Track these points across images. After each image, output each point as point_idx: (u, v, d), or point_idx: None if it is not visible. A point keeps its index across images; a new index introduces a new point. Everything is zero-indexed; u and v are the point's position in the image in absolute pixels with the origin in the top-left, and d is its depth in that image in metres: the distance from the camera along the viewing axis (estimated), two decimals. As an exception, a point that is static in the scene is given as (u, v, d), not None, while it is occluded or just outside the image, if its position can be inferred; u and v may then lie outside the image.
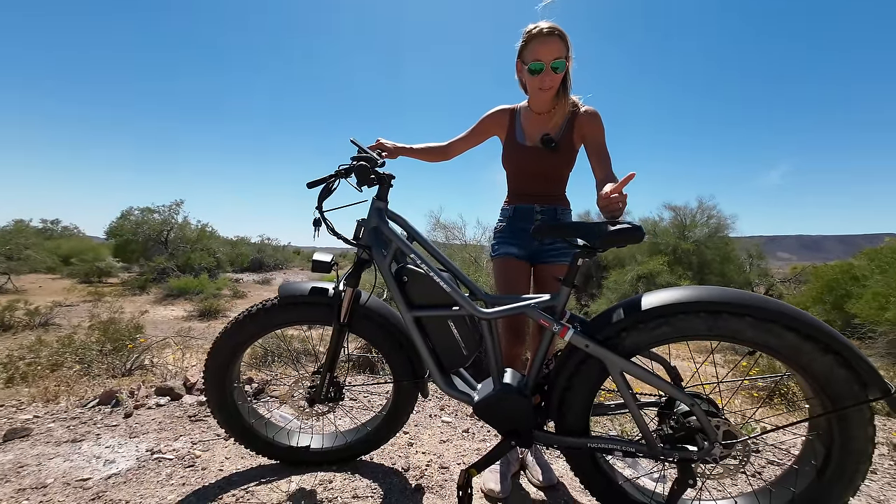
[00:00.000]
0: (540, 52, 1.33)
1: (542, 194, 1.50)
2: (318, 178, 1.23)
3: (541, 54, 1.33)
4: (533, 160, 1.48)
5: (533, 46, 1.34)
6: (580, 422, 1.18)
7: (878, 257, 9.19)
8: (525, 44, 1.37)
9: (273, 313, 1.33)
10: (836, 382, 0.98)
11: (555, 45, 1.33)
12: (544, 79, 1.36)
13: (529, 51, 1.35)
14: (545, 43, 1.32)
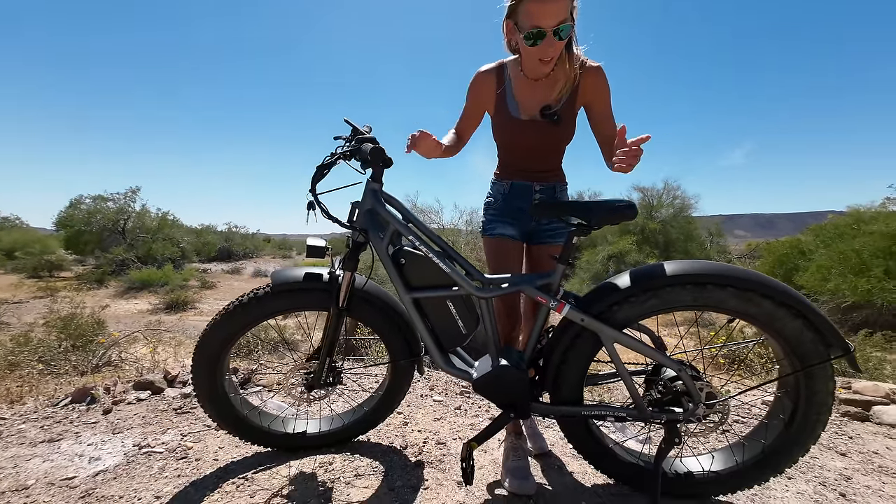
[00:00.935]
0: (539, 16, 1.05)
1: (539, 171, 1.37)
2: (327, 162, 1.19)
3: (541, 18, 1.05)
4: (530, 135, 1.30)
5: (529, 7, 1.06)
6: (575, 392, 1.24)
7: (821, 233, 9.99)
8: (517, 1, 1.09)
9: (266, 301, 1.29)
10: (804, 344, 1.08)
11: (558, 3, 1.04)
12: (545, 49, 1.10)
13: (524, 12, 1.07)
14: (546, 2, 1.04)
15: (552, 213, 1.21)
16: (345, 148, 1.21)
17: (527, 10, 1.07)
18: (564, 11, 1.06)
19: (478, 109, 1.38)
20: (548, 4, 1.04)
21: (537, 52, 1.12)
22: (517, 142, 1.34)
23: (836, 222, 9.88)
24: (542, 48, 1.10)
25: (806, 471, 1.47)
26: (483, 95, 1.33)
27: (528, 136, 1.31)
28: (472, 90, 1.35)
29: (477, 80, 1.33)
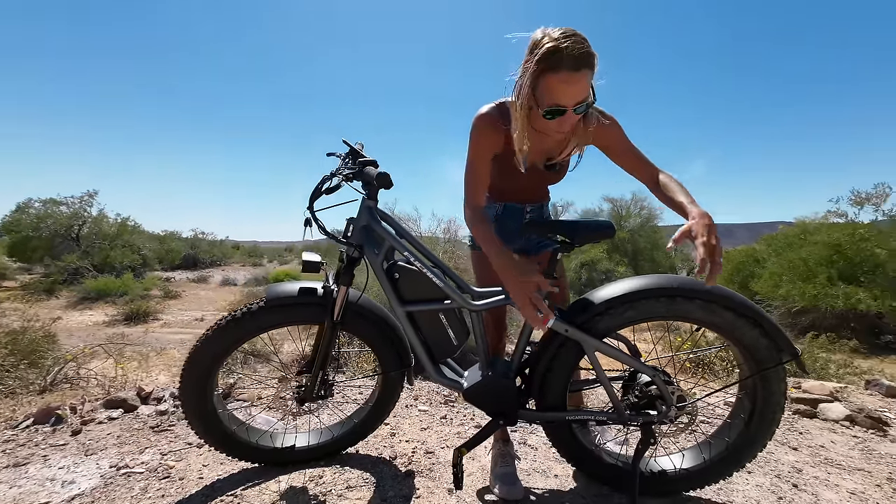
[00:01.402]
0: (562, 95, 0.99)
1: (531, 199, 1.45)
2: (331, 186, 1.22)
3: (563, 97, 1.00)
4: (529, 180, 1.33)
5: (553, 84, 0.99)
6: (559, 398, 1.32)
7: (773, 243, 10.81)
8: (541, 71, 0.99)
9: (259, 316, 1.30)
10: (760, 350, 1.21)
11: (583, 82, 0.99)
12: (563, 123, 1.05)
13: (547, 87, 1.00)
14: (571, 82, 0.98)
15: (540, 231, 1.30)
16: (346, 169, 1.25)
17: (549, 84, 1.00)
18: (586, 90, 1.02)
19: (491, 156, 1.26)
20: (572, 86, 0.98)
21: (554, 126, 1.07)
22: (515, 184, 1.34)
23: (786, 232, 10.72)
24: (559, 122, 1.05)
25: (763, 465, 1.62)
26: (494, 144, 1.23)
27: (526, 181, 1.32)
28: (483, 141, 1.21)
29: (486, 131, 1.20)
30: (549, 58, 0.96)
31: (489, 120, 1.19)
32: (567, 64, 0.96)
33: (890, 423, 2.09)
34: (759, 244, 11.42)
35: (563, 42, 0.96)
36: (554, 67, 0.97)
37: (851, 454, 1.75)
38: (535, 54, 0.98)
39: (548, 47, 0.96)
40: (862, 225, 8.88)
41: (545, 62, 0.97)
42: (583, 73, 0.98)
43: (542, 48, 0.97)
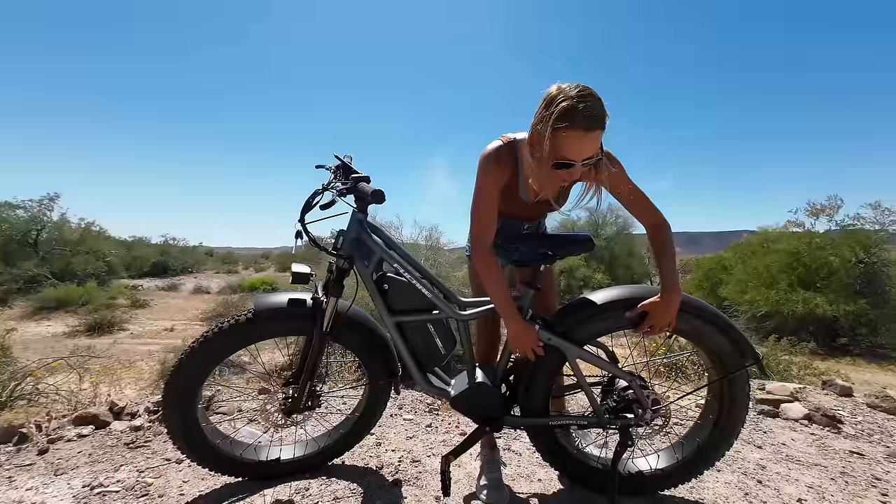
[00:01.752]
0: (573, 151, 1.04)
1: (530, 218, 1.48)
2: (325, 202, 1.24)
3: (574, 153, 1.05)
4: (531, 211, 1.38)
5: (565, 140, 1.03)
6: (542, 404, 1.37)
7: (739, 250, 11.39)
8: (553, 128, 1.03)
9: (248, 328, 1.29)
10: (726, 355, 1.30)
11: (594, 140, 1.04)
12: (572, 174, 1.11)
13: (559, 142, 1.04)
14: (583, 140, 1.03)
15: (526, 243, 1.36)
16: (338, 184, 1.28)
17: (563, 141, 1.04)
18: (596, 148, 1.07)
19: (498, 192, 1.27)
20: (584, 144, 1.04)
21: (562, 175, 1.11)
22: (517, 211, 1.38)
23: (750, 240, 11.34)
24: (568, 172, 1.10)
25: (731, 463, 1.72)
26: (501, 180, 1.26)
27: (528, 212, 1.39)
28: (490, 179, 1.24)
29: (493, 169, 1.23)
30: (565, 116, 1.01)
31: (496, 159, 1.24)
32: (581, 124, 1.01)
33: (843, 420, 2.25)
34: (727, 252, 12.02)
35: (578, 102, 1.01)
36: (568, 125, 1.01)
37: (809, 450, 1.89)
38: (552, 112, 1.03)
39: (563, 106, 1.01)
40: (818, 234, 9.51)
41: (560, 122, 1.02)
42: (595, 134, 1.04)
43: (557, 106, 1.02)
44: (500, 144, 1.25)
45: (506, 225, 1.46)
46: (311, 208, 1.24)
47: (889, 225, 8.92)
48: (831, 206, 9.65)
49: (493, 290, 1.24)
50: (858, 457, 1.84)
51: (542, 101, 1.08)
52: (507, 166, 1.24)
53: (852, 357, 7.48)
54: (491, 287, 1.24)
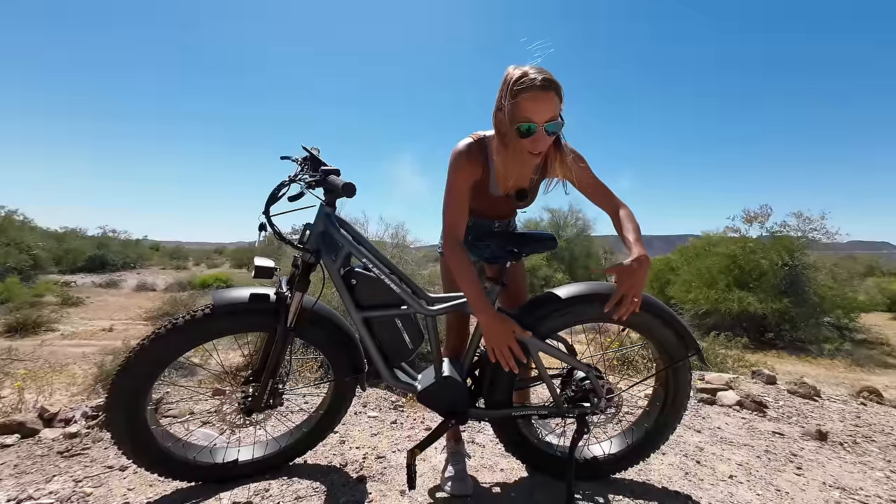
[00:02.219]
0: (532, 111, 1.11)
1: (500, 217, 1.51)
2: (295, 193, 1.20)
3: (533, 113, 1.11)
4: (500, 207, 1.42)
5: (523, 102, 1.10)
6: (506, 396, 1.43)
7: (685, 253, 12.29)
8: (511, 95, 1.11)
9: (205, 323, 1.23)
10: (671, 346, 1.42)
11: (550, 101, 1.11)
12: (536, 142, 1.15)
13: (518, 106, 1.11)
14: (539, 100, 1.10)
15: (494, 240, 1.40)
16: (306, 176, 1.24)
17: (521, 104, 1.11)
18: (554, 109, 1.14)
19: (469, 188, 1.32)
20: (541, 103, 1.10)
21: (528, 145, 1.16)
22: (487, 207, 1.42)
23: (695, 244, 12.27)
24: (532, 141, 1.15)
25: (674, 446, 1.87)
26: (472, 176, 1.30)
27: (497, 208, 1.43)
28: (461, 175, 1.28)
29: (464, 165, 1.27)
30: (520, 81, 1.10)
31: (468, 155, 1.28)
32: (536, 84, 1.09)
33: (768, 405, 2.51)
34: (674, 254, 12.94)
35: (530, 70, 1.11)
36: (524, 89, 1.10)
37: (740, 433, 2.09)
38: (508, 83, 1.12)
39: (518, 74, 1.11)
40: (751, 239, 10.48)
41: (516, 86, 1.11)
42: (550, 94, 1.11)
43: (512, 76, 1.12)
44: (471, 141, 1.29)
45: (477, 223, 1.49)
46: (276, 200, 1.21)
47: (809, 232, 10.02)
48: (763, 213, 10.69)
49: (466, 284, 1.26)
50: (779, 436, 2.07)
51: (501, 83, 1.16)
52: (478, 163, 1.28)
53: (777, 350, 8.33)
54: (464, 281, 1.26)
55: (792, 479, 1.66)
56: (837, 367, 7.16)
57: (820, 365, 7.28)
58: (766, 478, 1.65)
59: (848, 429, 2.25)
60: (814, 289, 9.29)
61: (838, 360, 7.57)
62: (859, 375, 6.47)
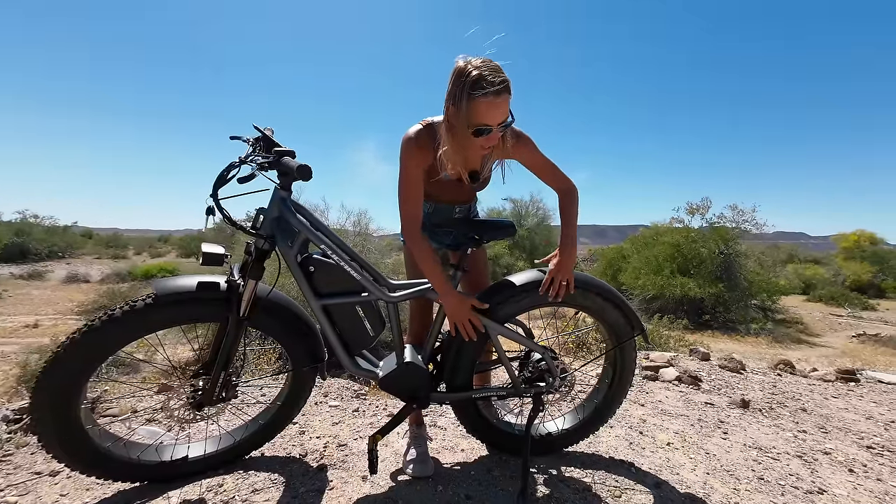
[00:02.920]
0: (488, 116, 1.12)
1: (459, 201, 1.51)
2: (246, 175, 1.11)
3: (490, 119, 1.12)
4: (454, 190, 1.43)
5: (479, 107, 1.11)
6: (466, 379, 1.47)
7: (636, 242, 13.08)
8: (468, 97, 1.10)
9: (147, 314, 1.14)
10: (619, 327, 1.52)
11: (505, 104, 1.13)
12: (489, 140, 1.18)
13: (474, 110, 1.11)
14: (495, 105, 1.11)
15: (454, 226, 1.41)
16: (259, 158, 1.17)
17: (477, 109, 1.11)
18: (507, 110, 1.15)
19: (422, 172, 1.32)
20: (496, 109, 1.12)
21: (482, 142, 1.19)
22: (442, 191, 1.43)
23: (644, 234, 13.08)
24: (486, 140, 1.18)
25: (620, 419, 2.02)
26: (423, 162, 1.31)
27: (451, 191, 1.44)
28: (413, 161, 1.28)
29: (415, 152, 1.27)
30: (476, 84, 1.09)
31: (417, 142, 1.28)
32: (491, 91, 1.09)
33: (702, 379, 2.78)
34: (626, 243, 13.74)
35: (486, 72, 1.10)
36: (483, 94, 1.10)
37: (678, 405, 2.30)
38: (464, 83, 1.11)
39: (473, 76, 1.09)
40: (693, 229, 11.35)
41: (472, 87, 1.10)
42: (504, 98, 1.12)
43: (468, 76, 1.10)
44: (420, 128, 1.29)
45: (437, 209, 1.50)
46: (225, 182, 1.13)
47: (742, 223, 11.02)
48: (703, 206, 11.59)
49: (427, 267, 1.29)
50: (710, 406, 2.30)
51: (452, 75, 1.15)
52: (429, 148, 1.29)
53: (712, 330, 9.18)
54: (425, 265, 1.29)
55: (719, 442, 1.86)
56: (761, 343, 8.03)
57: (747, 342, 8.13)
58: (697, 443, 1.84)
59: (766, 397, 2.54)
60: (744, 274, 10.29)
61: (762, 337, 8.49)
62: (778, 351, 7.30)
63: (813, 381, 3.02)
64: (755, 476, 1.59)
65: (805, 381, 3.00)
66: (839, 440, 1.98)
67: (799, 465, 1.70)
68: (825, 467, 1.71)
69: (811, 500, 1.46)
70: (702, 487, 1.49)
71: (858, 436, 2.05)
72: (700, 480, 1.53)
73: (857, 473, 1.67)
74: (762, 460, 1.72)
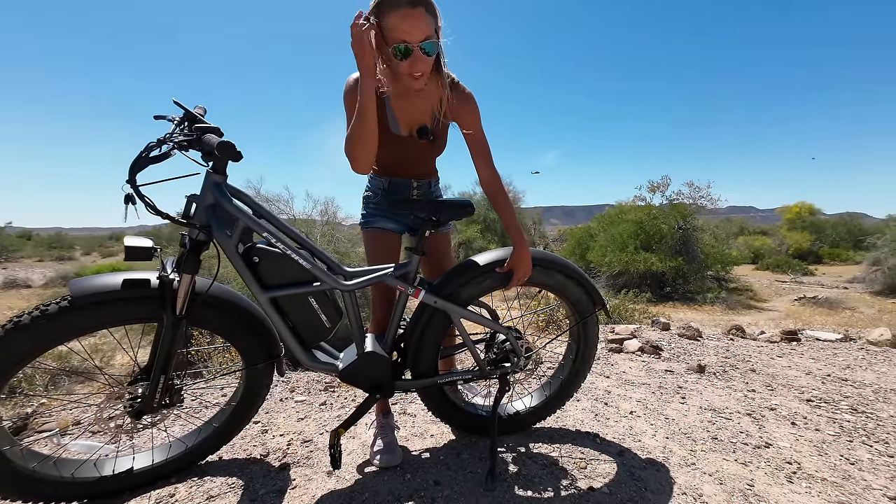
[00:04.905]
0: (404, 31, 1.06)
1: (416, 174, 1.45)
2: (156, 154, 0.98)
3: (405, 33, 1.06)
4: (408, 151, 1.35)
5: (395, 21, 1.05)
6: (431, 365, 1.43)
7: (602, 221, 13.48)
8: (382, 14, 1.06)
9: (62, 319, 1.01)
10: (581, 303, 1.53)
11: (422, 19, 1.06)
12: (415, 64, 1.11)
13: (390, 27, 1.06)
14: (410, 17, 1.05)
15: (408, 208, 1.35)
16: (179, 135, 1.05)
17: (391, 23, 1.07)
18: (428, 28, 1.08)
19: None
20: (412, 20, 1.05)
21: (406, 67, 1.13)
22: (395, 154, 1.36)
23: (609, 212, 13.50)
24: (410, 63, 1.11)
25: (587, 392, 2.08)
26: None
27: (404, 151, 1.36)
28: (353, 102, 1.19)
29: (355, 93, 1.18)
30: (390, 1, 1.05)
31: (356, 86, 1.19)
32: (404, 2, 1.04)
33: (663, 348, 2.91)
34: (593, 222, 14.15)
35: None
36: (392, 5, 1.05)
37: (640, 374, 2.39)
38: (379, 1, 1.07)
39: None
40: (654, 207, 11.82)
41: (382, 4, 1.06)
42: (420, 10, 1.06)
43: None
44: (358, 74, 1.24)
45: (393, 183, 1.44)
46: (144, 165, 1.01)
47: (698, 199, 11.59)
48: (663, 184, 12.07)
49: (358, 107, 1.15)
50: (670, 373, 2.41)
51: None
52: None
53: (673, 302, 9.70)
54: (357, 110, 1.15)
55: (678, 407, 1.95)
56: (716, 311, 8.58)
57: (703, 311, 8.66)
58: (658, 409, 1.92)
59: (720, 361, 2.70)
60: (701, 248, 10.88)
61: (717, 305, 9.07)
62: (731, 317, 7.84)
63: (761, 344, 3.24)
64: (710, 436, 1.68)
65: (754, 344, 3.21)
66: (783, 396, 2.13)
67: (748, 423, 1.81)
68: (771, 422, 1.83)
69: (759, 455, 1.56)
70: (661, 452, 1.55)
71: (800, 391, 2.21)
72: (660, 445, 1.59)
73: (798, 426, 1.81)
74: (716, 421, 1.82)
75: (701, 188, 11.57)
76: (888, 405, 2.06)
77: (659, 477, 1.39)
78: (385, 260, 1.45)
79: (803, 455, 1.57)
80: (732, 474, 1.42)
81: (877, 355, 2.94)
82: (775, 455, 1.56)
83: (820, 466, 1.50)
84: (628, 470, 1.42)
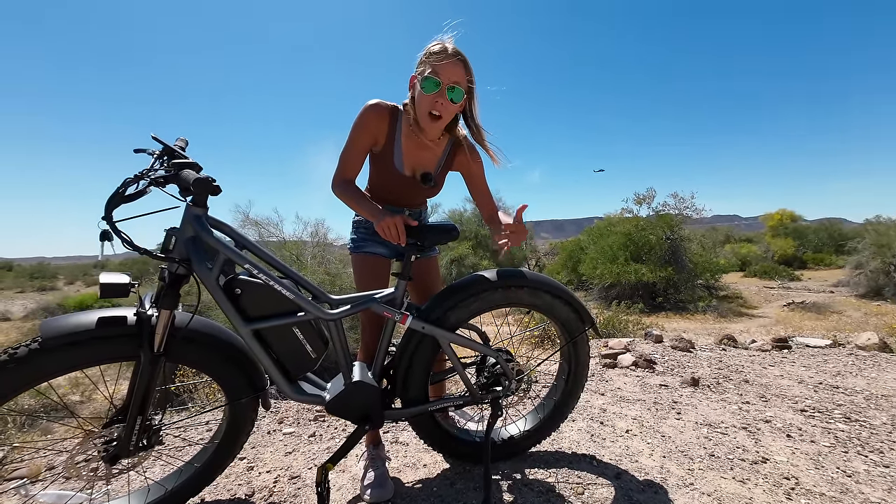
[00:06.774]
0: (440, 70, 1.22)
1: (409, 205, 1.51)
2: (133, 192, 0.98)
3: (440, 73, 1.22)
4: (407, 190, 1.43)
5: (435, 65, 1.22)
6: (421, 392, 1.40)
7: (592, 233, 13.65)
8: (429, 58, 1.24)
9: (32, 362, 0.97)
10: (570, 322, 1.53)
11: (458, 68, 1.23)
12: (437, 100, 1.24)
13: (429, 69, 1.23)
14: (447, 65, 1.22)
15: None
16: (156, 172, 1.04)
17: (430, 66, 1.24)
18: (460, 77, 1.25)
19: (370, 144, 1.37)
20: (448, 66, 1.22)
21: (429, 102, 1.25)
22: (393, 188, 1.43)
23: (599, 225, 13.69)
24: (433, 98, 1.24)
25: (582, 412, 2.05)
26: (378, 133, 1.35)
27: (403, 189, 1.43)
28: (366, 125, 1.32)
29: (373, 117, 1.32)
30: (432, 50, 1.25)
31: (376, 110, 1.33)
32: (448, 53, 1.23)
33: (657, 361, 2.90)
34: (583, 235, 14.31)
35: (445, 41, 1.26)
36: (436, 55, 1.24)
37: (635, 390, 2.37)
38: (428, 51, 1.26)
39: (434, 45, 1.25)
40: (641, 219, 12.02)
41: (428, 54, 1.25)
42: (458, 61, 1.24)
43: (430, 48, 1.26)
44: (383, 102, 1.35)
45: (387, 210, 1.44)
46: (120, 201, 0.99)
47: (683, 210, 11.83)
48: (649, 196, 12.33)
49: (360, 207, 1.31)
50: (665, 388, 2.40)
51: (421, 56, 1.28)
52: (384, 123, 1.34)
53: (665, 311, 9.75)
54: (357, 206, 1.32)
55: (674, 423, 1.93)
56: (708, 320, 8.63)
57: (696, 320, 8.71)
58: (654, 427, 1.89)
59: (713, 372, 2.70)
60: (689, 257, 11.03)
61: (708, 314, 9.13)
62: (723, 325, 7.89)
63: (753, 353, 3.26)
64: (707, 453, 1.65)
65: (746, 353, 3.22)
66: (777, 407, 2.13)
67: (744, 437, 1.80)
68: (767, 436, 1.81)
69: (756, 471, 1.54)
70: (659, 472, 1.52)
71: (793, 400, 2.21)
72: (657, 465, 1.57)
73: (794, 438, 1.80)
74: (712, 436, 1.80)
75: (685, 199, 11.84)
76: (880, 412, 2.07)
77: (657, 499, 1.36)
78: (374, 284, 1.44)
79: (800, 469, 1.55)
80: (731, 493, 1.39)
81: (866, 360, 2.97)
82: (773, 470, 1.54)
83: (817, 480, 1.48)
84: (626, 493, 1.38)
